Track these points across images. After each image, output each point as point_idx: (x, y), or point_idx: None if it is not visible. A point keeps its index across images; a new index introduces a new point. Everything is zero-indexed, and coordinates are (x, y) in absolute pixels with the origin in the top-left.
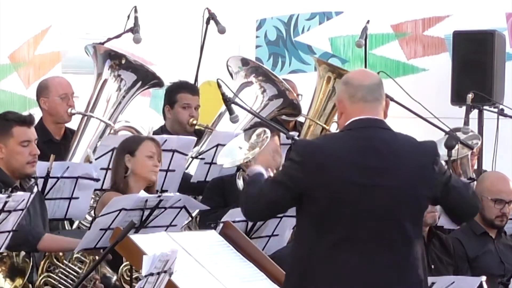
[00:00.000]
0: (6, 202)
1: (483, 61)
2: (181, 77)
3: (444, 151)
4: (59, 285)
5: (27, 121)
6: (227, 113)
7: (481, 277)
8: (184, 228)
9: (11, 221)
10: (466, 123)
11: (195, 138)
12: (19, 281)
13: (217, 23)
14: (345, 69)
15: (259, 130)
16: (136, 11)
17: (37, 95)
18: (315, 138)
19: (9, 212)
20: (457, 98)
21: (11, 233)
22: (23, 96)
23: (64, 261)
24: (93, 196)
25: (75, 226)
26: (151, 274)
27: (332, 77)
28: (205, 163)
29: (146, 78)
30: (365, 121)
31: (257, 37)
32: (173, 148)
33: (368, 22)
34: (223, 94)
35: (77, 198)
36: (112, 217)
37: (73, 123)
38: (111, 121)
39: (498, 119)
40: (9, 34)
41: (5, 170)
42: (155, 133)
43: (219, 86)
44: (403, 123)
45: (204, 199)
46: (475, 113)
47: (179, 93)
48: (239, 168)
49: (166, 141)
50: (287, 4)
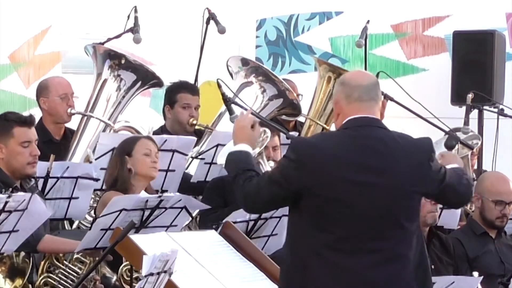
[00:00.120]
0: (6, 202)
1: (483, 61)
2: (181, 77)
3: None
4: (59, 285)
5: (27, 121)
6: (227, 113)
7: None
8: (184, 228)
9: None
10: (466, 123)
11: (195, 138)
12: (19, 282)
13: (217, 23)
14: (345, 69)
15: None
16: (136, 11)
17: (37, 95)
18: (312, 136)
19: (10, 212)
20: (457, 98)
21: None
22: (23, 96)
23: (64, 261)
24: (93, 196)
25: (75, 226)
26: (151, 274)
27: (333, 77)
28: (205, 163)
29: (145, 78)
30: (361, 120)
31: (257, 37)
32: (173, 148)
33: (368, 22)
34: (223, 94)
35: (77, 198)
36: (112, 217)
37: (73, 123)
38: (111, 121)
39: (498, 119)
40: (9, 34)
41: (6, 171)
42: (155, 133)
43: (219, 86)
44: (403, 123)
45: (204, 199)
46: (475, 113)
47: (179, 93)
48: None
49: (166, 141)
50: (287, 4)
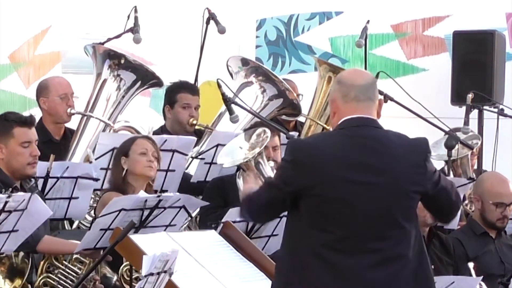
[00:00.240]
0: (6, 202)
1: (483, 61)
2: (181, 77)
3: (444, 151)
4: (58, 285)
5: (27, 122)
6: (227, 113)
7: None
8: (184, 228)
9: (11, 222)
10: (466, 123)
11: (195, 138)
12: (18, 282)
13: (217, 23)
14: (345, 69)
15: (259, 130)
16: (136, 11)
17: (37, 95)
18: (308, 137)
19: (10, 212)
20: (457, 98)
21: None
22: (23, 96)
23: (64, 261)
24: (93, 196)
25: (75, 226)
26: (151, 274)
27: (333, 77)
28: (205, 163)
29: (145, 77)
30: (357, 120)
31: (257, 37)
32: (173, 148)
33: (368, 22)
34: (223, 94)
35: (76, 198)
36: (112, 217)
37: (73, 123)
38: (111, 121)
39: (498, 119)
40: (9, 34)
41: (5, 171)
42: (155, 133)
43: (219, 86)
44: (403, 123)
45: (204, 199)
46: (475, 113)
47: (179, 93)
48: (239, 168)
49: (166, 141)
50: (287, 4)
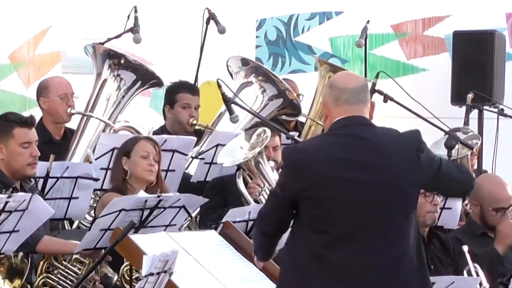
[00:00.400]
0: (6, 203)
1: (483, 61)
2: (181, 77)
3: (444, 151)
4: (58, 286)
5: (28, 122)
6: (227, 113)
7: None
8: (184, 228)
9: (12, 222)
10: (466, 123)
11: (195, 138)
12: (17, 282)
13: (217, 23)
14: (346, 69)
15: (259, 130)
16: (136, 11)
17: (37, 95)
18: (301, 142)
19: (10, 212)
20: (457, 98)
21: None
22: (23, 96)
23: (63, 262)
24: (93, 196)
25: (75, 226)
26: (151, 274)
27: None
28: (205, 163)
29: (145, 77)
30: (346, 119)
31: (257, 37)
32: (173, 148)
33: (368, 22)
34: (223, 94)
35: (76, 198)
36: (112, 217)
37: (73, 123)
38: (111, 121)
39: (498, 119)
40: (9, 34)
41: (5, 171)
42: (155, 133)
43: (219, 86)
44: (403, 123)
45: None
46: (475, 113)
47: (179, 93)
48: (239, 167)
49: (166, 141)
50: (287, 4)
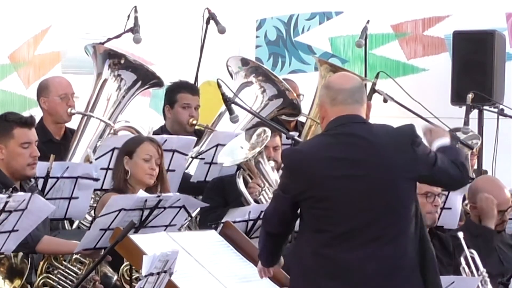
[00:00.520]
0: (6, 202)
1: (483, 61)
2: (181, 77)
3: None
4: (58, 286)
5: (28, 122)
6: (227, 113)
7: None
8: (184, 228)
9: (11, 222)
10: (466, 123)
11: (195, 138)
12: (17, 282)
13: (217, 23)
14: (346, 69)
15: (259, 130)
16: (136, 11)
17: (37, 95)
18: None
19: (10, 212)
20: (457, 98)
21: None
22: (23, 96)
23: (63, 262)
24: (93, 196)
25: (75, 226)
26: (151, 274)
27: None
28: (205, 163)
29: (146, 77)
30: (341, 118)
31: (257, 37)
32: (173, 148)
33: (368, 22)
34: (223, 94)
35: (77, 198)
36: (111, 217)
37: (73, 123)
38: (111, 121)
39: (498, 119)
40: (9, 34)
41: (5, 171)
42: (155, 133)
43: (219, 86)
44: (403, 123)
45: (204, 199)
46: (475, 113)
47: (179, 93)
48: (239, 167)
49: (166, 141)
50: (287, 4)
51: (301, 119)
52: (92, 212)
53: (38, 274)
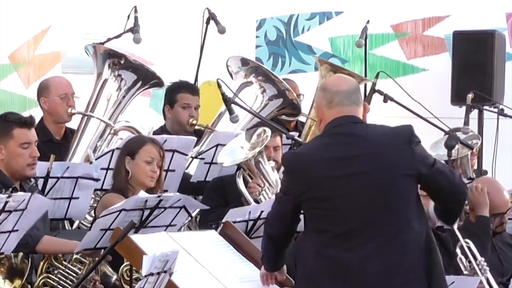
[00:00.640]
0: (6, 202)
1: (483, 61)
2: (181, 77)
3: (444, 151)
4: (58, 286)
5: (27, 122)
6: (227, 113)
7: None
8: (184, 228)
9: (11, 221)
10: (466, 123)
11: (195, 138)
12: (18, 282)
13: (217, 23)
14: (346, 69)
15: (260, 130)
16: (136, 11)
17: (37, 94)
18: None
19: (10, 212)
20: (457, 98)
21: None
22: (23, 96)
23: (64, 262)
24: (93, 196)
25: (75, 226)
26: (151, 274)
27: None
28: (205, 163)
29: (146, 77)
30: (339, 119)
31: (257, 37)
32: (173, 148)
33: (368, 22)
34: (223, 94)
35: (77, 198)
36: (112, 217)
37: (73, 123)
38: (111, 121)
39: (498, 119)
40: (9, 34)
41: (5, 172)
42: (155, 133)
43: (219, 86)
44: (403, 123)
45: (204, 199)
46: (475, 113)
47: (179, 93)
48: (239, 167)
49: (166, 141)
50: (287, 4)
51: (301, 119)
52: (92, 212)
53: (38, 274)
